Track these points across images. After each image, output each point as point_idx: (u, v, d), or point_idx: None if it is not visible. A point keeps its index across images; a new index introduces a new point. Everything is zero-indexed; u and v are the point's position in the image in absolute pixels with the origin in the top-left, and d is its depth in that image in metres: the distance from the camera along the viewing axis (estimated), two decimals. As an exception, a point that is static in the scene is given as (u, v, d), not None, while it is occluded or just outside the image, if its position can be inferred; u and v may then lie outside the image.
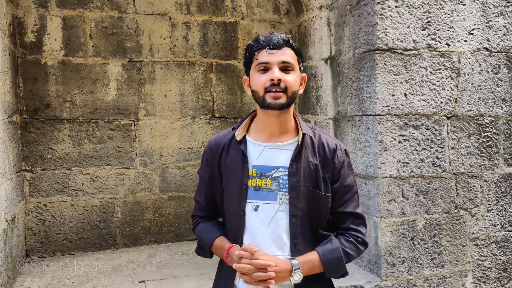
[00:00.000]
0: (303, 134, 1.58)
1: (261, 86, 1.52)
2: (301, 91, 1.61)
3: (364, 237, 1.61)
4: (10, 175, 3.24)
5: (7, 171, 3.15)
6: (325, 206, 1.58)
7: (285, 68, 1.52)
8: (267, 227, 1.53)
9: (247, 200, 1.55)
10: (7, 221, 3.03)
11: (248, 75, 1.61)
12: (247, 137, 1.62)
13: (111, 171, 3.92)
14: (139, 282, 3.14)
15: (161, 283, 3.12)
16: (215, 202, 1.68)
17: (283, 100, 1.50)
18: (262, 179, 1.55)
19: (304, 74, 1.63)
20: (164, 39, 4.05)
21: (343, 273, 1.58)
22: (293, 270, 1.47)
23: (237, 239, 1.56)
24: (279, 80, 1.49)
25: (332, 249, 1.54)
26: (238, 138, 1.60)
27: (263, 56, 1.52)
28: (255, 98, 1.56)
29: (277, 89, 1.49)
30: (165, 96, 4.05)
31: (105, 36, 3.90)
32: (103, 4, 3.89)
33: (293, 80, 1.53)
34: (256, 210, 1.54)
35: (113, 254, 3.81)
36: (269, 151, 1.57)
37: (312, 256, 1.52)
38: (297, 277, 1.47)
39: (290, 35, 1.60)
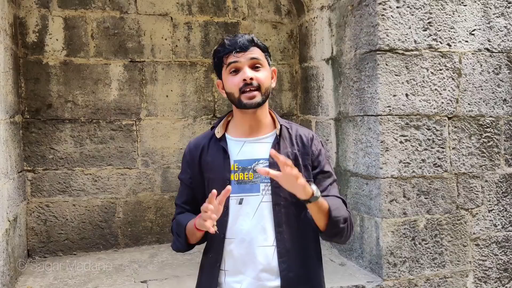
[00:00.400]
0: (281, 126, 1.65)
1: (235, 87, 1.57)
2: (273, 85, 1.66)
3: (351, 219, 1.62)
4: (12, 175, 3.25)
5: (9, 171, 3.15)
6: None
7: (255, 66, 1.58)
8: (252, 219, 1.57)
9: (231, 195, 1.56)
10: (9, 221, 3.04)
11: (220, 78, 1.66)
12: (226, 134, 1.67)
13: (113, 171, 3.92)
14: (141, 282, 3.14)
15: (163, 283, 3.12)
16: (195, 205, 1.68)
17: (258, 98, 1.57)
18: (244, 172, 1.59)
19: (273, 68, 1.68)
20: (166, 39, 4.05)
21: (345, 220, 1.56)
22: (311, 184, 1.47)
23: (220, 233, 1.57)
24: (251, 78, 1.55)
25: (333, 197, 1.60)
26: (218, 136, 1.66)
27: (232, 58, 1.58)
28: (231, 100, 1.62)
29: (251, 88, 1.55)
30: (167, 96, 4.06)
31: (107, 37, 3.91)
32: (104, 5, 3.90)
33: (265, 76, 1.59)
34: (240, 203, 1.58)
35: (115, 254, 3.81)
36: (249, 146, 1.63)
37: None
38: (318, 193, 1.46)
39: (253, 34, 1.66)
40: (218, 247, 1.60)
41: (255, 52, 1.59)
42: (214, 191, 1.42)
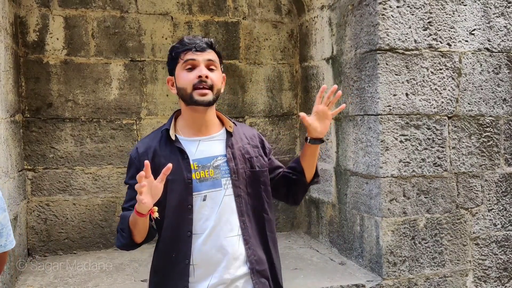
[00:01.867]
0: (232, 124, 1.75)
1: (189, 82, 1.62)
2: (222, 90, 1.74)
3: None
4: (12, 174, 3.25)
5: (9, 170, 3.16)
6: (262, 181, 1.75)
7: (210, 67, 1.65)
8: (216, 213, 1.64)
9: (194, 193, 1.63)
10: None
11: (171, 75, 1.71)
12: (177, 135, 1.69)
13: (113, 170, 3.93)
14: (141, 281, 3.15)
15: (163, 282, 3.12)
16: None
17: (209, 97, 1.62)
18: (204, 170, 1.65)
19: (223, 74, 1.75)
20: (166, 38, 4.05)
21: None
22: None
23: (186, 231, 1.62)
24: (207, 76, 1.61)
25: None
26: (173, 137, 1.67)
27: (190, 56, 1.64)
28: (181, 96, 1.66)
29: (204, 86, 1.61)
30: (167, 95, 4.06)
31: (107, 36, 3.91)
32: (105, 4, 3.90)
33: (217, 78, 1.66)
34: (204, 200, 1.64)
35: (115, 253, 3.82)
36: (205, 144, 1.69)
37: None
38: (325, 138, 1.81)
39: (212, 39, 1.73)
40: (184, 245, 1.63)
41: (211, 55, 1.66)
42: (170, 165, 1.46)
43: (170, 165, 1.46)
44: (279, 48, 4.33)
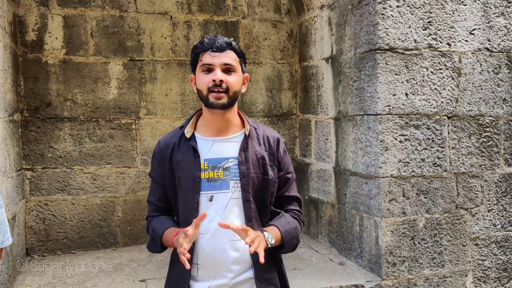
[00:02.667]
0: (250, 126, 1.72)
1: (204, 86, 1.63)
2: (243, 90, 1.72)
3: (302, 217, 1.82)
4: (11, 174, 3.24)
5: (8, 170, 3.15)
6: (272, 191, 1.72)
7: (227, 69, 1.63)
8: (221, 215, 1.63)
9: (201, 192, 1.64)
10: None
11: (194, 74, 1.71)
12: (196, 133, 1.71)
13: (112, 170, 3.92)
14: (140, 281, 3.14)
15: (161, 282, 3.10)
16: (168, 202, 1.75)
17: (224, 100, 1.61)
18: (214, 170, 1.65)
19: (246, 74, 1.74)
20: (165, 38, 4.05)
21: (297, 244, 1.75)
22: (266, 235, 1.59)
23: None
24: (221, 81, 1.60)
25: (287, 222, 1.71)
26: (188, 135, 1.70)
27: (207, 58, 1.63)
28: (200, 97, 1.67)
29: (219, 90, 1.60)
30: (166, 95, 4.05)
31: (106, 35, 3.90)
32: (104, 3, 3.89)
33: (234, 81, 1.64)
34: (211, 200, 1.64)
35: (114, 253, 3.81)
36: (218, 145, 1.68)
37: (274, 229, 1.65)
38: (272, 241, 1.60)
39: (232, 38, 1.71)
40: None
41: (230, 56, 1.64)
42: (205, 213, 1.49)
43: (205, 212, 1.51)
44: (278, 48, 4.33)
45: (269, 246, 1.57)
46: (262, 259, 1.47)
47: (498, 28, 3.33)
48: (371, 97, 3.13)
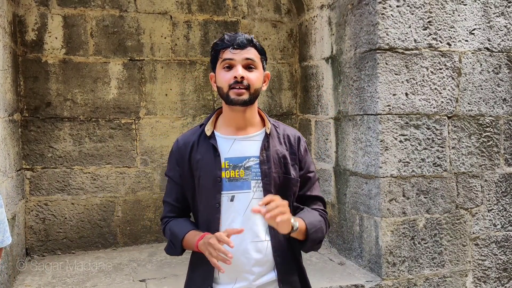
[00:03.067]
0: (270, 125, 1.69)
1: (225, 83, 1.59)
2: (264, 88, 1.69)
3: (328, 217, 1.75)
4: (11, 174, 3.24)
5: (8, 170, 3.15)
6: (294, 190, 1.68)
7: (248, 66, 1.60)
8: (242, 216, 1.60)
9: (222, 192, 1.60)
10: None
11: (214, 72, 1.67)
12: (215, 132, 1.68)
13: (112, 170, 3.92)
14: (140, 281, 3.14)
15: (161, 282, 3.12)
16: (185, 202, 1.71)
17: (245, 96, 1.58)
18: (235, 170, 1.61)
19: (267, 72, 1.70)
20: (165, 38, 4.04)
21: (322, 238, 1.66)
22: (292, 220, 1.52)
23: (213, 231, 1.59)
24: (242, 77, 1.57)
25: (312, 214, 1.66)
26: (208, 133, 1.66)
27: (228, 54, 1.59)
28: (220, 94, 1.63)
29: (240, 86, 1.57)
30: (166, 95, 4.05)
31: (106, 35, 3.90)
32: (104, 3, 3.89)
33: (255, 77, 1.60)
34: (232, 200, 1.61)
35: (114, 253, 3.81)
36: (239, 143, 1.64)
37: (297, 218, 1.58)
38: (296, 224, 1.53)
39: (253, 35, 1.68)
40: None
41: (251, 53, 1.61)
42: (242, 230, 1.49)
43: (243, 229, 1.49)
44: (278, 48, 4.32)
45: (294, 228, 1.50)
46: (278, 218, 1.40)
47: (498, 28, 3.33)
48: (371, 97, 3.13)
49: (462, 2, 3.22)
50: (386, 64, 3.06)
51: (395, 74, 3.08)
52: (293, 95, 4.38)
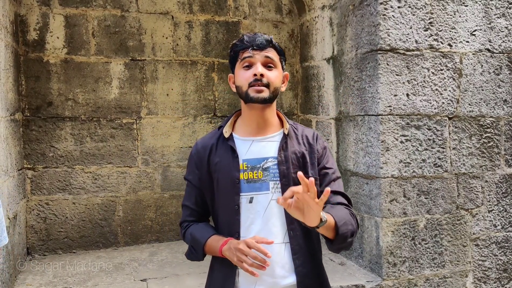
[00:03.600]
0: (289, 126, 1.68)
1: (245, 81, 1.59)
2: (283, 89, 1.69)
3: (355, 213, 1.66)
4: (12, 173, 3.25)
5: (9, 169, 3.15)
6: (314, 190, 1.60)
7: (268, 65, 1.60)
8: (262, 217, 1.59)
9: (241, 194, 1.59)
10: (9, 219, 3.04)
11: (233, 72, 1.68)
12: (234, 134, 1.67)
13: (113, 170, 3.92)
14: (141, 280, 3.14)
15: (162, 281, 3.12)
16: (204, 206, 1.71)
17: (265, 94, 1.57)
18: (253, 171, 1.60)
19: (286, 73, 1.70)
20: (167, 38, 4.05)
21: (353, 232, 1.55)
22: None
23: (234, 233, 1.60)
24: (262, 75, 1.57)
25: (338, 209, 1.57)
26: (226, 135, 1.66)
27: (247, 54, 1.60)
28: (239, 94, 1.63)
29: (260, 84, 1.57)
30: (167, 95, 4.06)
31: (108, 35, 3.91)
32: (105, 3, 3.90)
33: (275, 76, 1.60)
34: (251, 202, 1.59)
35: (115, 252, 3.81)
36: (257, 144, 1.64)
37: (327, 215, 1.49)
38: (325, 216, 1.43)
39: (272, 36, 1.67)
40: None
41: (271, 53, 1.61)
42: (271, 242, 1.49)
43: (272, 241, 1.50)
44: (279, 48, 4.32)
45: (322, 220, 1.41)
46: (309, 182, 1.29)
47: (499, 29, 3.34)
48: (372, 98, 3.14)
49: (463, 3, 3.23)
50: (387, 65, 3.07)
51: (396, 75, 3.09)
52: (294, 95, 4.39)
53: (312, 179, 1.31)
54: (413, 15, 3.11)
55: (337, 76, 3.60)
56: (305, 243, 1.61)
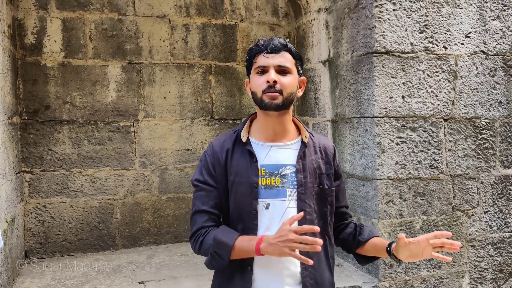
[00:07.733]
0: (307, 134, 1.68)
1: (259, 87, 1.58)
2: (299, 94, 1.67)
3: None
4: (10, 176, 3.26)
5: (7, 172, 3.16)
6: (329, 201, 1.67)
7: (282, 71, 1.58)
8: (278, 224, 1.56)
9: (259, 199, 1.58)
10: (7, 222, 3.04)
11: (249, 77, 1.67)
12: (250, 138, 1.66)
13: (111, 172, 3.93)
14: (138, 283, 3.15)
15: (160, 283, 3.13)
16: (221, 209, 1.65)
17: (279, 100, 1.56)
18: (271, 177, 1.59)
19: (303, 77, 1.68)
20: (164, 41, 4.07)
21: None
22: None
23: None
24: (275, 82, 1.55)
25: (371, 229, 1.81)
26: (244, 139, 1.64)
27: (261, 59, 1.59)
28: (254, 99, 1.62)
29: (273, 91, 1.56)
30: (165, 98, 4.07)
31: (105, 38, 3.92)
32: (103, 6, 3.91)
33: (289, 82, 1.58)
34: (267, 208, 1.58)
35: (112, 255, 3.82)
36: (275, 151, 1.63)
37: (379, 239, 1.75)
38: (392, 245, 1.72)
39: (288, 39, 1.66)
40: None
41: (286, 57, 1.59)
42: (301, 214, 1.52)
43: (302, 213, 1.52)
44: (276, 51, 4.34)
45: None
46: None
47: (494, 31, 3.36)
48: (368, 100, 3.16)
49: (458, 5, 3.25)
50: (383, 67, 3.09)
51: (392, 77, 3.11)
52: (291, 97, 4.39)
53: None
54: (408, 17, 3.13)
55: (333, 78, 3.62)
56: (315, 254, 1.58)
